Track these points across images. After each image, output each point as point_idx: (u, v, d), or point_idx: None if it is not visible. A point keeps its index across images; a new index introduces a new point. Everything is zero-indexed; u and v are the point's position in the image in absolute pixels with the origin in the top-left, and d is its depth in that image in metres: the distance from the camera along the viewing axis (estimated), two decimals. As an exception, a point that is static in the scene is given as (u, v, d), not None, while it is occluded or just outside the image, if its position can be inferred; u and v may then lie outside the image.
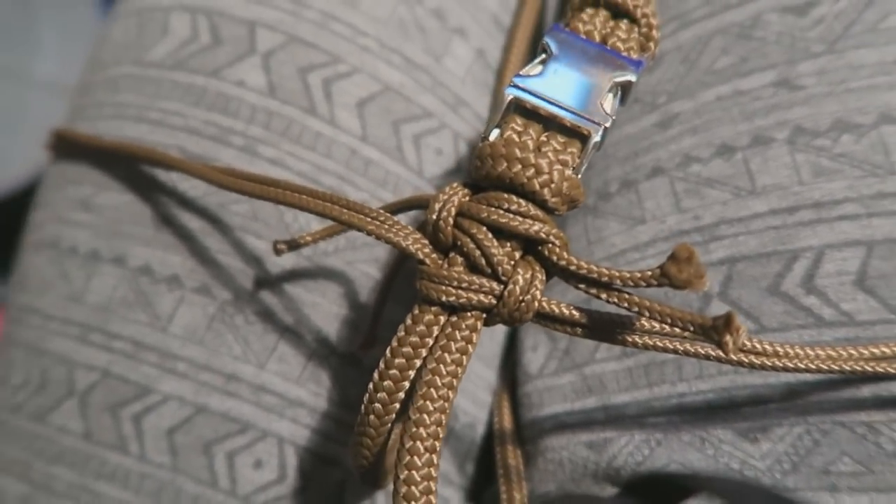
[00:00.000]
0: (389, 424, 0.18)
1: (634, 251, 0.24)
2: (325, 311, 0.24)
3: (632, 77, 0.18)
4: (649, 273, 0.16)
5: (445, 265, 0.17)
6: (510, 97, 0.18)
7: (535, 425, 0.25)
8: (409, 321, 0.17)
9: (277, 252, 0.22)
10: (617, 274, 0.17)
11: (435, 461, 0.17)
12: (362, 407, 0.18)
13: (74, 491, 0.24)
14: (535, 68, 0.18)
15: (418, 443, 0.17)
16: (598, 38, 0.19)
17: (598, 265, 0.17)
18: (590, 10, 0.19)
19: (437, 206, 0.18)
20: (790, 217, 0.21)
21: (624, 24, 0.19)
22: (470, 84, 0.27)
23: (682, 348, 0.18)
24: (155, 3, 0.27)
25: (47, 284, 0.25)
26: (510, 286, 0.17)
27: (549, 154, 0.17)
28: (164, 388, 0.23)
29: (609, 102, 0.18)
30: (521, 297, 0.17)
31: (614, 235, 0.24)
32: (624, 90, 0.18)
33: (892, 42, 0.21)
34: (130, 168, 0.25)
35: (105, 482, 0.23)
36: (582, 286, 0.17)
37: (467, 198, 0.18)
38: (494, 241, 0.17)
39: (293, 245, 0.22)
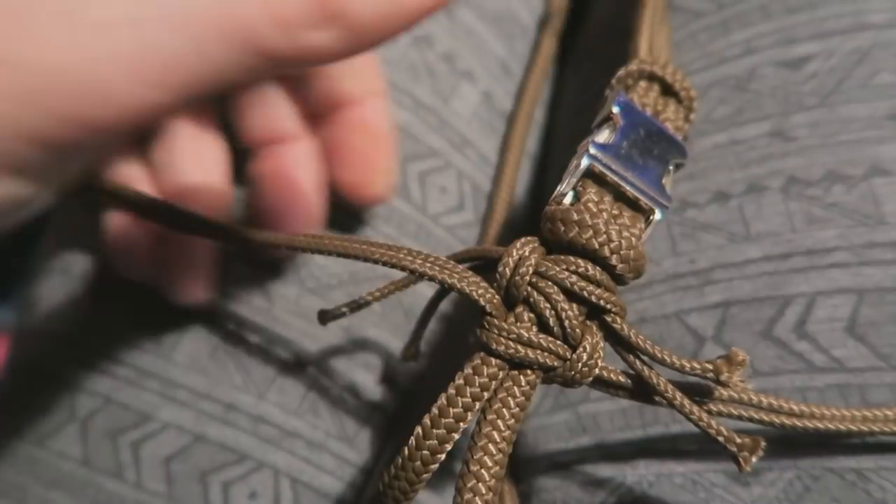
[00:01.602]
0: (431, 473, 0.18)
1: (631, 292, 0.24)
2: (325, 343, 0.24)
3: (685, 160, 0.19)
4: (698, 365, 0.17)
5: (512, 319, 0.18)
6: (587, 163, 0.18)
7: (529, 464, 0.25)
8: (468, 370, 0.17)
9: (323, 322, 0.21)
10: (668, 358, 0.17)
11: None
12: (405, 451, 0.17)
13: None
14: (603, 135, 0.18)
15: (477, 497, 0.17)
16: (650, 113, 0.19)
17: (652, 343, 0.17)
18: (644, 84, 0.20)
19: (511, 261, 0.18)
20: (783, 263, 0.22)
21: (672, 103, 0.20)
22: (476, 125, 0.28)
23: (701, 418, 0.18)
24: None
25: (55, 309, 0.26)
26: (579, 351, 0.17)
27: (621, 225, 0.18)
28: (164, 415, 0.24)
29: (669, 183, 0.18)
30: (587, 362, 0.17)
31: (612, 277, 0.25)
32: (675, 169, 0.19)
33: (882, 98, 0.22)
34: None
35: None
36: (630, 358, 0.18)
37: (541, 256, 0.18)
38: (567, 303, 0.17)
39: (335, 316, 0.21)
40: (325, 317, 0.21)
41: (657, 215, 0.18)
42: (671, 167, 0.19)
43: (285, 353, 0.24)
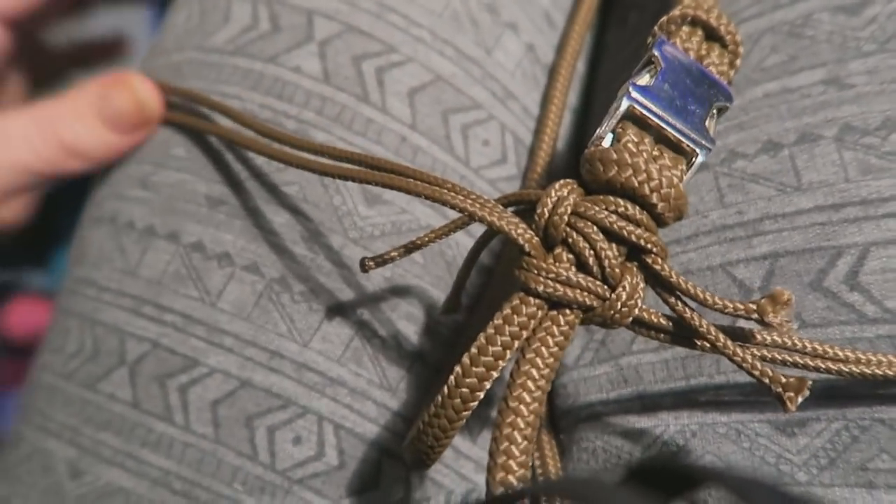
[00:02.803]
0: (470, 411, 0.18)
1: (676, 244, 0.24)
2: (368, 293, 0.25)
3: (729, 104, 0.19)
4: (742, 306, 0.17)
5: (552, 259, 0.18)
6: (626, 105, 0.18)
7: (570, 415, 0.25)
8: (507, 310, 0.18)
9: (365, 269, 0.21)
10: (710, 299, 0.17)
11: (530, 450, 0.17)
12: (445, 389, 0.18)
13: (120, 457, 0.24)
14: (643, 78, 0.18)
15: (516, 432, 0.17)
16: (693, 58, 0.19)
17: (693, 284, 0.17)
18: (687, 29, 0.20)
19: (550, 201, 0.18)
20: (836, 214, 0.21)
21: (717, 47, 0.20)
22: (519, 77, 0.27)
23: (745, 359, 0.18)
24: (217, -8, 0.28)
25: (104, 257, 0.27)
26: (619, 290, 0.17)
27: (662, 166, 0.18)
28: (211, 361, 0.24)
29: (712, 126, 0.18)
30: (626, 302, 0.17)
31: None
32: (719, 114, 0.19)
33: (946, 42, 0.21)
34: (188, 148, 0.26)
35: (150, 450, 0.24)
36: (671, 300, 0.18)
37: (580, 197, 0.18)
38: (606, 242, 0.17)
39: (381, 262, 0.21)
40: (366, 264, 0.21)
41: (700, 157, 0.18)
42: (715, 110, 0.18)
43: (329, 302, 0.24)
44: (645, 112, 0.18)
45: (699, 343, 0.18)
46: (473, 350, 0.18)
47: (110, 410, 0.25)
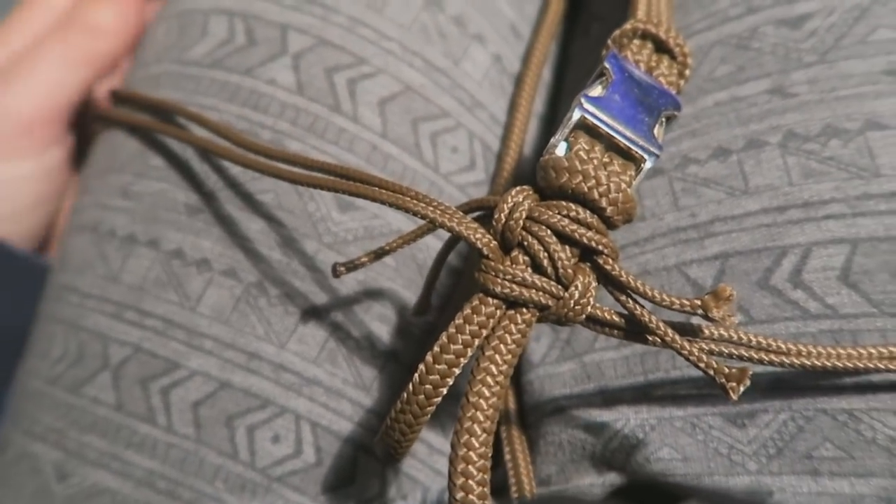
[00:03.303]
0: (434, 407, 0.19)
1: (634, 246, 0.25)
2: (342, 296, 0.26)
3: (677, 112, 0.20)
4: (687, 301, 0.18)
5: (508, 262, 0.19)
6: (579, 116, 0.19)
7: (536, 410, 0.26)
8: (467, 310, 0.19)
9: (336, 274, 0.22)
10: (658, 295, 0.18)
11: (490, 443, 0.18)
12: (410, 386, 0.19)
13: (105, 459, 0.25)
14: (595, 89, 0.20)
15: (476, 425, 0.18)
16: (643, 69, 0.20)
17: (643, 283, 0.19)
18: (638, 42, 0.21)
19: (506, 207, 0.19)
20: (780, 216, 0.23)
21: (666, 59, 0.21)
22: (486, 87, 0.29)
23: (692, 352, 0.19)
24: (195, 7, 0.29)
25: (86, 264, 0.27)
26: (571, 289, 0.19)
27: (611, 172, 0.19)
28: (192, 364, 0.25)
29: (660, 133, 0.19)
30: (579, 301, 0.19)
31: (616, 232, 0.26)
32: (668, 121, 0.20)
33: (880, 54, 0.23)
34: (167, 158, 0.27)
35: (134, 451, 0.25)
36: (622, 297, 0.19)
37: (534, 202, 0.19)
38: (559, 245, 0.19)
39: (351, 267, 0.22)
40: (337, 269, 0.23)
41: (648, 163, 0.19)
42: (664, 119, 0.19)
43: (304, 305, 0.25)
44: (596, 122, 0.19)
45: (650, 338, 0.20)
46: (436, 348, 0.19)
47: (95, 413, 0.26)
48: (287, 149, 0.26)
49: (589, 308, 0.19)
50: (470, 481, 0.18)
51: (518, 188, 0.19)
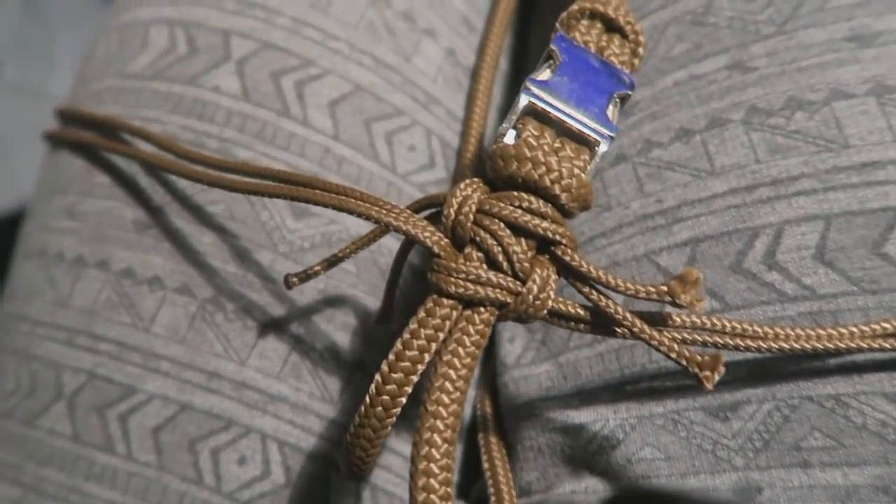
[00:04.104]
0: (394, 418, 0.18)
1: (602, 237, 0.24)
2: (302, 306, 0.25)
3: (630, 92, 0.19)
4: (653, 288, 0.17)
5: (461, 259, 0.18)
6: (525, 101, 0.18)
7: (513, 414, 0.25)
8: (421, 313, 0.18)
9: (289, 286, 0.21)
10: (622, 284, 0.17)
11: (452, 453, 0.17)
12: (367, 399, 0.18)
13: (64, 492, 0.24)
14: (543, 73, 0.19)
15: (436, 435, 0.17)
16: (594, 50, 0.20)
17: (605, 272, 0.18)
18: (586, 22, 0.20)
19: (455, 202, 0.18)
20: (749, 195, 0.22)
21: (617, 38, 0.20)
22: (441, 82, 0.28)
23: (662, 342, 0.18)
24: (135, 18, 0.28)
25: (35, 291, 0.26)
26: (529, 284, 0.18)
27: (563, 157, 0.18)
28: (149, 387, 0.24)
29: (614, 114, 0.19)
30: (538, 295, 0.18)
31: (581, 224, 0.25)
32: (622, 102, 0.19)
33: (840, 20, 0.22)
34: (113, 175, 0.26)
35: (94, 482, 0.24)
36: (585, 289, 0.18)
37: (485, 195, 0.18)
38: (514, 238, 0.18)
39: (304, 277, 0.21)
40: (290, 280, 0.21)
41: (602, 146, 0.18)
42: (616, 99, 0.19)
43: (263, 318, 0.24)
44: (544, 106, 0.18)
45: (619, 331, 0.19)
46: (391, 357, 0.18)
47: (51, 445, 0.25)
48: (236, 157, 0.25)
49: (550, 302, 0.18)
50: (432, 496, 0.17)
51: (466, 181, 0.18)
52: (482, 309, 0.18)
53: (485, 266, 0.18)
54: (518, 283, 0.18)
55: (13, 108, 0.71)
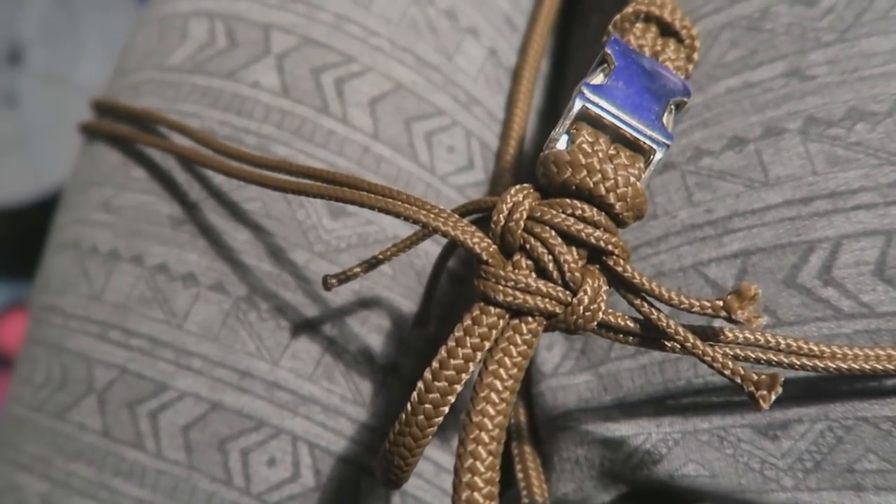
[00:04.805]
0: (436, 427, 0.17)
1: (647, 247, 0.23)
2: (337, 308, 0.24)
3: (686, 98, 0.18)
4: (707, 303, 0.17)
5: (510, 267, 0.17)
6: (580, 106, 0.17)
7: (549, 424, 0.25)
8: (467, 321, 0.17)
9: (328, 287, 0.21)
10: (675, 297, 0.17)
11: (497, 466, 0.17)
12: (408, 406, 0.17)
13: (93, 488, 0.24)
14: (597, 77, 0.18)
15: (480, 447, 0.16)
16: (648, 54, 0.19)
17: (658, 284, 0.17)
18: (641, 26, 0.19)
19: (505, 207, 0.17)
20: (805, 208, 0.21)
21: (672, 42, 0.19)
22: (482, 83, 0.27)
23: (715, 358, 0.18)
24: (175, 10, 0.28)
25: (69, 284, 0.26)
26: (580, 294, 0.17)
27: (618, 165, 0.17)
28: (180, 384, 0.24)
29: (669, 122, 0.18)
30: (589, 306, 0.17)
31: (626, 232, 0.24)
32: (677, 109, 0.18)
33: (906, 29, 0.21)
34: (149, 169, 0.26)
35: (122, 479, 0.24)
36: (637, 301, 0.17)
37: (536, 201, 0.18)
38: (565, 247, 0.17)
39: (344, 278, 0.21)
40: (328, 282, 0.21)
41: (658, 154, 0.17)
42: (672, 106, 0.18)
43: (297, 318, 0.24)
44: (599, 111, 0.17)
45: (669, 345, 0.18)
46: (435, 365, 0.17)
47: (81, 440, 0.24)
48: (273, 154, 0.25)
49: (600, 314, 0.17)
50: None
51: (518, 186, 0.18)
52: (530, 318, 0.17)
53: (534, 275, 0.17)
54: (568, 293, 0.17)
55: (39, 96, 0.72)
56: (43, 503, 0.24)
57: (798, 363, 0.18)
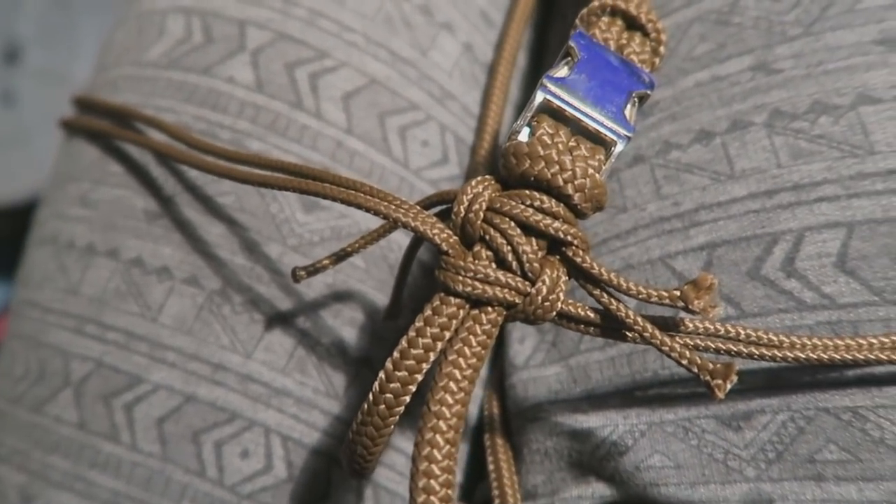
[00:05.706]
0: (397, 417, 0.18)
1: (616, 239, 0.24)
2: (310, 301, 0.24)
3: (649, 91, 0.18)
4: (665, 293, 0.17)
5: (470, 258, 0.17)
6: (541, 98, 0.18)
7: (520, 416, 0.25)
8: (428, 311, 0.17)
9: (297, 279, 0.21)
10: (634, 288, 0.17)
11: (455, 454, 0.17)
12: (370, 396, 0.17)
13: (69, 480, 0.24)
14: (561, 70, 0.18)
15: (438, 435, 0.17)
16: (613, 48, 0.19)
17: (616, 274, 0.17)
18: (606, 19, 0.20)
19: (466, 199, 0.18)
20: (769, 200, 0.21)
21: (637, 36, 0.20)
22: (457, 77, 0.27)
23: (673, 348, 0.18)
24: (153, 7, 0.28)
25: (46, 278, 0.26)
26: (538, 284, 0.17)
27: (577, 156, 0.17)
28: (154, 377, 0.24)
29: (632, 114, 0.18)
30: (547, 296, 0.17)
31: (596, 225, 0.24)
32: (641, 102, 0.19)
33: (869, 22, 0.21)
34: (125, 164, 0.26)
35: (98, 471, 0.24)
36: (596, 292, 0.17)
37: (496, 193, 0.18)
38: (524, 237, 0.17)
39: (312, 271, 0.21)
40: (297, 274, 0.21)
41: (619, 145, 0.17)
42: (635, 98, 0.18)
43: (270, 311, 0.24)
44: (560, 104, 0.18)
45: (629, 335, 0.18)
46: (395, 355, 0.17)
47: (57, 433, 0.25)
48: (248, 149, 0.25)
49: (559, 304, 0.17)
50: (432, 497, 0.16)
51: (479, 178, 0.18)
52: (490, 309, 0.18)
53: (493, 265, 0.17)
54: (527, 283, 0.17)
55: (36, 95, 0.72)
56: (20, 495, 0.25)
57: (758, 353, 0.18)
